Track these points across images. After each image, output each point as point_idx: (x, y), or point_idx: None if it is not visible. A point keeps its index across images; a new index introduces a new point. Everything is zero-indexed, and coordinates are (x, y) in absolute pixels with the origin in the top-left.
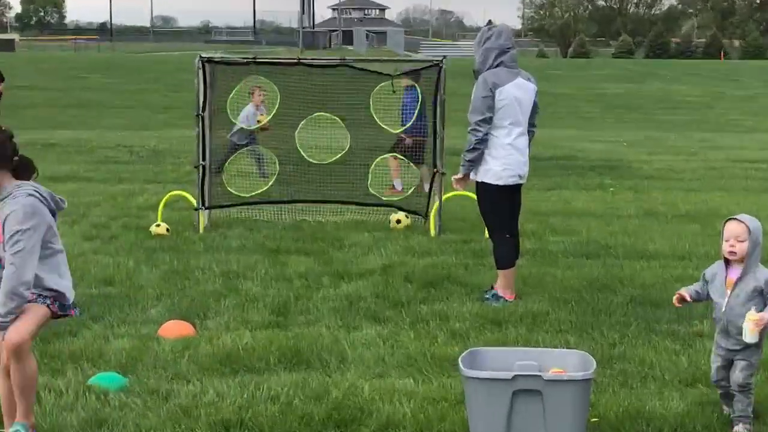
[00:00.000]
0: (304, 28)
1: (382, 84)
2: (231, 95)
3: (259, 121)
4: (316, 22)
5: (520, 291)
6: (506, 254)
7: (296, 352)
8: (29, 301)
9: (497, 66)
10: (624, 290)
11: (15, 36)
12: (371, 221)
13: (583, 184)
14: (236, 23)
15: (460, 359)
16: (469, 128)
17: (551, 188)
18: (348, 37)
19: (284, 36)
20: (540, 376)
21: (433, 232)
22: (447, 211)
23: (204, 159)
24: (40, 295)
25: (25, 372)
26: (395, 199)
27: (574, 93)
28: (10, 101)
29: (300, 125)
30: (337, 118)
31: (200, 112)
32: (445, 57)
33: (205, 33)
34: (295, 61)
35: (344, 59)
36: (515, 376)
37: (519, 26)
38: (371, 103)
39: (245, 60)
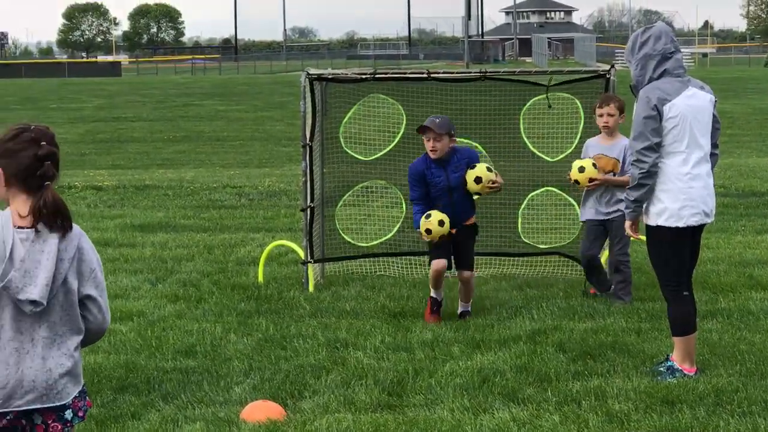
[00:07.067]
0: (470, 37)
1: (535, 99)
2: (345, 119)
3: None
4: (485, 30)
5: (705, 362)
6: (686, 316)
7: None
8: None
9: (660, 77)
10: None
11: (122, 58)
12: (524, 275)
13: None
14: (388, 33)
15: None
16: (632, 159)
17: (764, 231)
18: (526, 47)
19: (446, 47)
20: None
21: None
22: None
23: (313, 200)
24: None
25: None
26: (556, 244)
27: None
28: (108, 136)
29: None
30: (477, 145)
31: (308, 142)
32: (613, 66)
33: (349, 47)
34: (425, 75)
35: (485, 71)
36: None
37: (744, 28)
38: (522, 124)
39: (363, 76)
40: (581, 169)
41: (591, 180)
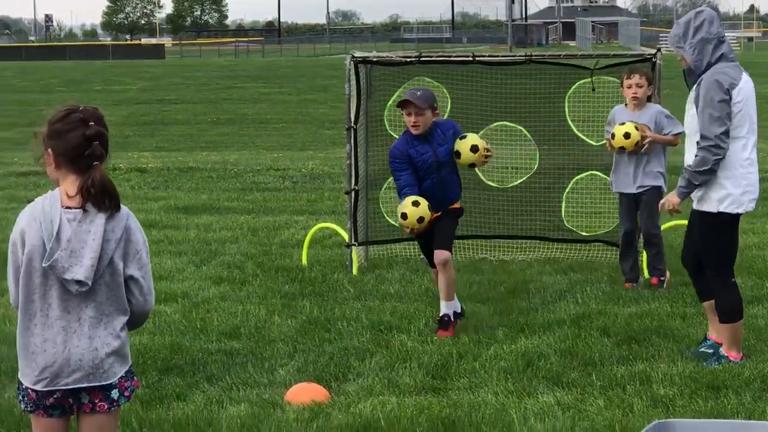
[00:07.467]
0: (514, 20)
1: (580, 82)
2: (389, 102)
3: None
4: (529, 13)
5: (750, 348)
6: (736, 303)
7: (450, 424)
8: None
9: (717, 61)
10: None
11: (166, 41)
12: (568, 259)
13: None
14: (431, 16)
15: None
16: (707, 144)
17: None
18: (569, 31)
19: (490, 31)
20: None
21: (646, 272)
22: (666, 245)
23: (357, 182)
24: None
25: None
26: (600, 232)
27: None
28: (151, 118)
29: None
30: (522, 128)
31: (352, 125)
32: (659, 50)
33: (392, 30)
34: (469, 58)
35: (530, 55)
36: None
37: None
38: (567, 107)
39: (408, 59)
40: (627, 135)
41: (643, 138)
